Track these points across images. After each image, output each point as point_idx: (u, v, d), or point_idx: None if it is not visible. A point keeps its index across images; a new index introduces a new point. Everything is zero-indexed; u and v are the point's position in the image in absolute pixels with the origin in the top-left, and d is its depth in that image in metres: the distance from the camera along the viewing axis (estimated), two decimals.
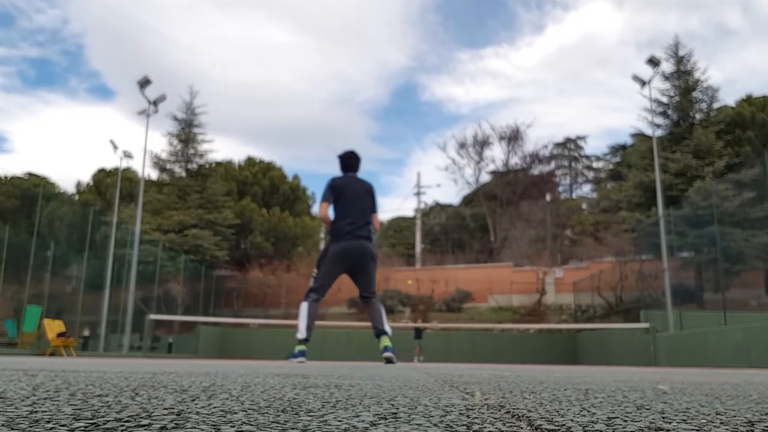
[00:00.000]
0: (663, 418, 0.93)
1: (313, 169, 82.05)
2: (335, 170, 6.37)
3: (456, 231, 49.20)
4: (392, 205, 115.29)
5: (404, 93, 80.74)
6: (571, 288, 30.09)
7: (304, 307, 6.00)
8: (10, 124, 69.59)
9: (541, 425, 0.82)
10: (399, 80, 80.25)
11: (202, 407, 0.96)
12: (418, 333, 22.23)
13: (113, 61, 73.47)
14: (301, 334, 5.92)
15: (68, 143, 77.39)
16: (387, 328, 5.95)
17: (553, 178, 51.89)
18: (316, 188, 78.33)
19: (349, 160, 6.29)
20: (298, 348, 5.88)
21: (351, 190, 6.09)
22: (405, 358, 20.18)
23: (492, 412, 0.98)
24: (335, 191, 6.04)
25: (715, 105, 27.56)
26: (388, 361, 5.68)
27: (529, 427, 0.81)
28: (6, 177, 38.41)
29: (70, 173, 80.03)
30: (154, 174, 33.92)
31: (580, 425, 0.82)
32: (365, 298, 6.14)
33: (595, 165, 52.98)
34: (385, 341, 5.82)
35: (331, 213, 6.11)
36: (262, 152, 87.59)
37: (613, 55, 68.27)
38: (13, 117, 69.72)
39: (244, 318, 28.18)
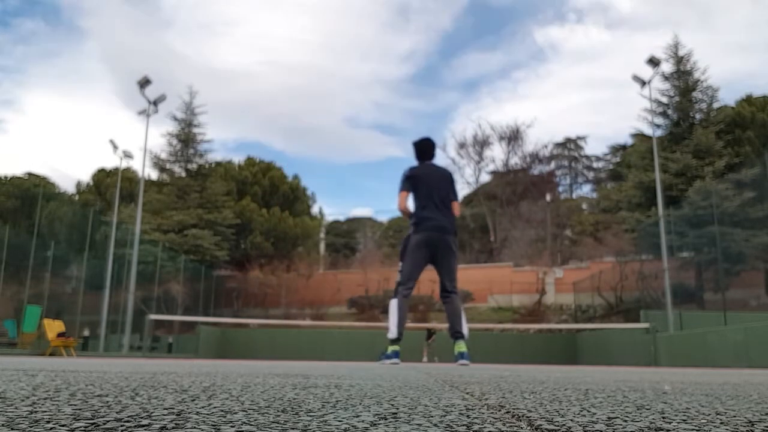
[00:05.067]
0: (663, 418, 0.93)
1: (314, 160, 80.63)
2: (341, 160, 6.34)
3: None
4: (392, 206, 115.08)
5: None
6: (571, 288, 30.10)
7: (393, 304, 5.62)
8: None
9: (541, 425, 0.82)
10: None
11: (202, 407, 0.96)
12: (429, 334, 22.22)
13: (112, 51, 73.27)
14: (392, 333, 5.51)
15: (67, 140, 77.25)
16: (465, 330, 5.51)
17: (553, 178, 51.91)
18: (316, 188, 78.08)
19: (425, 147, 6.04)
20: (391, 348, 5.48)
21: (430, 179, 5.81)
22: (411, 358, 20.18)
23: (492, 412, 0.98)
24: (413, 181, 5.77)
25: (715, 105, 27.59)
26: (464, 365, 5.21)
27: (529, 427, 0.81)
28: (6, 177, 38.44)
29: (68, 170, 79.77)
30: (154, 174, 33.98)
31: (580, 425, 0.82)
32: (445, 294, 5.73)
33: (595, 165, 53.05)
34: (461, 346, 5.41)
35: (410, 204, 5.84)
36: (270, 144, 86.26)
37: None
38: None
39: (244, 318, 28.19)
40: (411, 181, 5.79)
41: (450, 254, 5.67)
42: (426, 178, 5.81)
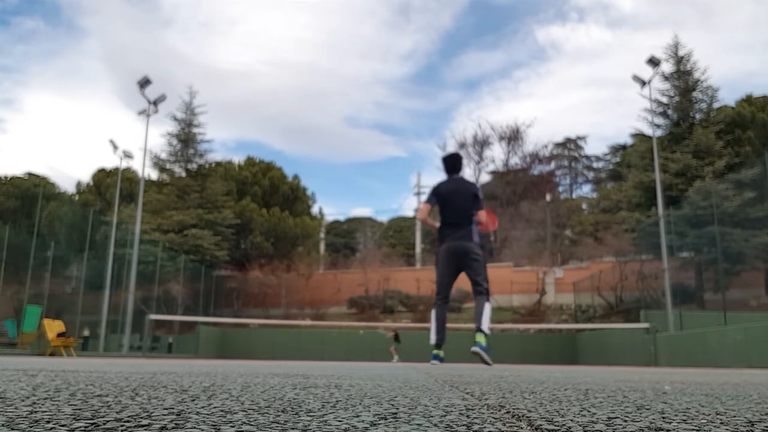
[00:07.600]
0: (663, 418, 0.93)
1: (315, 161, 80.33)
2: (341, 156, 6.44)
3: None
4: (392, 205, 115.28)
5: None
6: (571, 288, 30.09)
7: (432, 313, 6.37)
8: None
9: (541, 425, 0.82)
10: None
11: (202, 407, 0.96)
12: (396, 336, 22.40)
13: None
14: (431, 340, 6.29)
15: (67, 139, 77.21)
16: (483, 325, 6.17)
17: (553, 178, 51.93)
18: (316, 188, 77.98)
19: (452, 162, 6.64)
20: (434, 352, 6.25)
21: (454, 194, 6.40)
22: (412, 359, 20.18)
23: (492, 412, 0.98)
24: (438, 197, 6.39)
25: (715, 105, 27.57)
26: (475, 354, 5.96)
27: (529, 427, 0.81)
28: (6, 177, 38.43)
29: (68, 170, 79.75)
30: (154, 174, 33.97)
31: (580, 425, 0.82)
32: (474, 294, 6.37)
33: (595, 165, 53.06)
34: (477, 337, 6.08)
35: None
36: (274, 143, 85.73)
37: None
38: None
39: (244, 318, 28.19)
40: (436, 197, 6.41)
41: (470, 261, 6.23)
42: (449, 194, 6.39)
